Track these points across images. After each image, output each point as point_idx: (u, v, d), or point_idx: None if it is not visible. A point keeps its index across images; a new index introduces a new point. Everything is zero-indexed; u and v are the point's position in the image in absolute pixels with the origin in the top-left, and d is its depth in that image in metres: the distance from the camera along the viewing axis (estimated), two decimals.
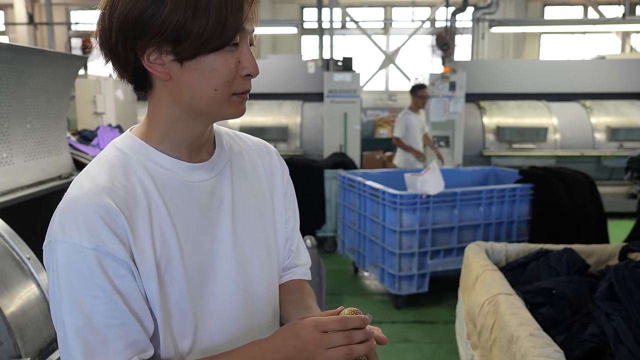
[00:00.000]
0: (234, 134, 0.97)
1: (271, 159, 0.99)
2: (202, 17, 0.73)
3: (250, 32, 0.79)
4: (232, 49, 0.77)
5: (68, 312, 0.73)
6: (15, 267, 1.57)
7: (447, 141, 6.24)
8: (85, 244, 0.72)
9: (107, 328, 0.73)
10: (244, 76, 0.79)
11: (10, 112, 2.05)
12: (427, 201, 3.69)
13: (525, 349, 1.60)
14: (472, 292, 2.30)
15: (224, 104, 0.80)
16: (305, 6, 11.78)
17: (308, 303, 0.95)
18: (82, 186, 0.77)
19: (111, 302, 0.73)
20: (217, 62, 0.77)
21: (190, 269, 0.81)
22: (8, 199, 1.97)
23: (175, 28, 0.73)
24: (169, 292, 0.79)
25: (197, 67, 0.76)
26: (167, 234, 0.79)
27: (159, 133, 0.83)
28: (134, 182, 0.79)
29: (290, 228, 1.00)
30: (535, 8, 11.83)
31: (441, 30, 6.73)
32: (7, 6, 11.68)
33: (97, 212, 0.73)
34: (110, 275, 0.73)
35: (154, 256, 0.77)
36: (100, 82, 4.93)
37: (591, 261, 2.57)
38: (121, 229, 0.74)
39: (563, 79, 7.02)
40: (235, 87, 0.79)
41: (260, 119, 6.61)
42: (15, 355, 1.43)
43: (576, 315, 2.04)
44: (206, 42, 0.74)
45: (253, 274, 0.89)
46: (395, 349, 3.30)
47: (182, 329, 0.81)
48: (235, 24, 0.75)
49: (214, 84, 0.78)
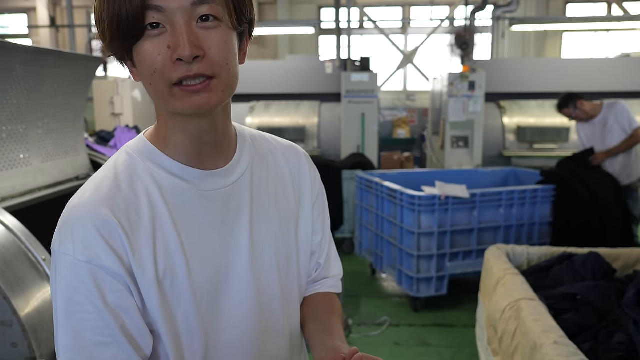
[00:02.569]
0: (259, 135, 0.91)
1: (300, 165, 0.92)
2: (110, 5, 0.67)
3: (174, 9, 0.67)
4: (154, 33, 0.68)
5: (61, 325, 0.70)
6: (31, 269, 1.57)
7: (466, 141, 6.15)
8: (79, 256, 0.69)
9: (96, 346, 0.69)
10: (175, 61, 0.68)
11: (28, 113, 2.06)
12: (445, 202, 3.63)
13: (550, 357, 1.54)
14: (493, 296, 2.24)
15: (169, 98, 0.71)
16: (322, 6, 11.76)
17: (332, 325, 0.86)
18: (83, 194, 0.74)
19: (102, 319, 0.69)
20: (144, 51, 0.69)
21: (198, 284, 0.76)
22: (26, 199, 1.99)
23: (99, 21, 0.69)
24: (176, 308, 0.74)
25: (137, 61, 0.71)
26: (171, 247, 0.74)
27: (162, 135, 0.79)
28: (138, 191, 0.75)
29: (318, 241, 0.92)
30: (557, 5, 11.62)
31: (460, 29, 6.63)
32: (30, 9, 11.90)
33: (93, 223, 0.70)
34: (104, 290, 0.69)
35: (155, 270, 0.72)
36: (117, 83, 4.97)
37: (617, 265, 2.48)
38: (118, 243, 0.70)
39: (586, 77, 6.87)
40: (170, 76, 0.69)
41: (277, 119, 6.61)
42: (30, 356, 1.43)
43: (602, 322, 1.97)
44: (117, 31, 0.68)
45: (270, 289, 0.83)
46: (414, 353, 3.25)
47: (191, 346, 0.77)
48: (133, 5, 0.66)
49: (147, 77, 0.71)
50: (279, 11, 11.22)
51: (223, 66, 0.71)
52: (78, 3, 10.85)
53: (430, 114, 7.07)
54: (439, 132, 6.32)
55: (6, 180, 1.94)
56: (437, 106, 6.60)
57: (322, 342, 0.81)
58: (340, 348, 0.77)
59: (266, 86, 6.54)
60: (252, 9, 0.76)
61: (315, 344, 0.83)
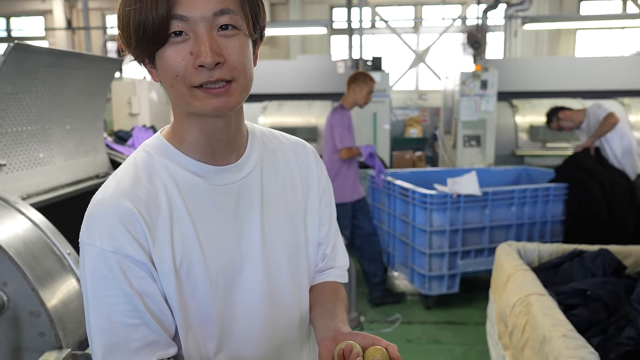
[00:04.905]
0: (269, 133, 0.96)
1: (308, 160, 0.96)
2: (137, 13, 0.72)
3: (198, 18, 0.72)
4: (177, 40, 0.73)
5: (92, 311, 0.76)
6: (57, 263, 1.64)
7: (478, 140, 6.14)
8: (106, 247, 0.74)
9: (127, 328, 0.74)
10: (197, 67, 0.73)
11: (51, 113, 2.13)
12: (457, 201, 3.65)
13: (559, 350, 1.57)
14: (504, 292, 2.27)
15: (190, 99, 0.76)
16: (334, 6, 11.78)
17: (335, 309, 0.91)
18: (107, 190, 0.79)
19: (131, 303, 0.75)
20: (167, 57, 0.74)
21: (214, 273, 0.81)
22: (49, 197, 2.06)
23: (125, 27, 0.74)
24: (192, 296, 0.80)
25: (160, 64, 0.76)
26: (188, 239, 0.79)
27: (179, 133, 0.83)
28: (157, 185, 0.80)
29: (325, 233, 0.97)
30: (571, 3, 11.52)
31: (472, 28, 6.63)
32: (47, 12, 12.09)
33: (118, 216, 0.75)
34: (130, 277, 0.75)
35: (173, 260, 0.78)
36: (135, 84, 5.07)
37: (628, 262, 2.49)
38: (140, 233, 0.76)
39: (600, 76, 6.82)
40: (191, 80, 0.74)
41: (290, 119, 6.66)
42: (57, 345, 1.49)
43: (612, 318, 1.99)
44: (143, 38, 0.73)
45: (281, 278, 0.88)
46: (426, 350, 3.28)
47: (206, 332, 0.82)
48: (158, 14, 0.71)
49: (169, 80, 0.76)
50: (291, 11, 11.27)
51: (241, 71, 0.76)
52: (93, 5, 11.01)
53: (442, 113, 7.07)
54: (451, 131, 6.32)
55: (31, 178, 2.01)
56: (449, 105, 6.60)
57: (325, 324, 0.86)
58: (341, 329, 0.82)
59: (278, 86, 6.58)
60: (265, 16, 0.82)
61: (318, 326, 0.88)
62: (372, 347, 0.76)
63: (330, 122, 3.73)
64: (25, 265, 1.51)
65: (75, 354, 1.46)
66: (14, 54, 1.78)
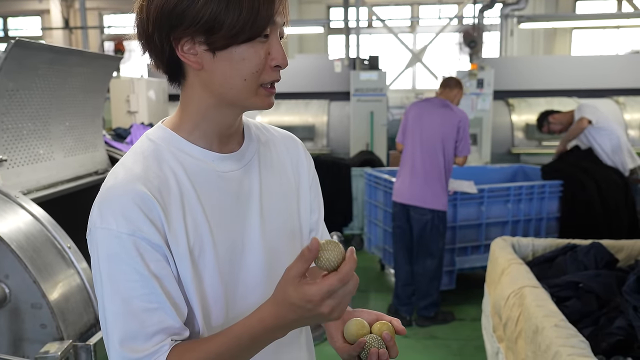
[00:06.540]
0: (261, 126, 1.00)
1: (297, 151, 1.01)
2: (235, 9, 0.75)
3: (280, 24, 0.82)
4: (262, 40, 0.80)
5: (108, 295, 0.77)
6: (58, 256, 1.66)
7: (474, 139, 6.18)
8: (122, 229, 0.76)
9: (144, 312, 0.76)
10: (273, 67, 0.82)
11: (51, 110, 2.16)
12: (454, 198, 3.69)
13: (550, 339, 1.60)
14: (498, 285, 2.31)
15: (253, 95, 0.82)
16: (331, 6, 11.82)
17: None
18: (117, 176, 0.81)
19: (148, 286, 0.76)
20: (248, 52, 0.79)
21: (222, 256, 0.84)
22: (50, 192, 2.08)
23: (209, 19, 0.76)
24: (204, 277, 0.82)
25: (229, 57, 0.79)
26: (199, 222, 0.82)
27: (191, 123, 0.86)
28: (166, 171, 0.82)
29: (315, 219, 1.02)
30: (566, 3, 11.58)
31: (469, 28, 6.67)
32: (44, 12, 12.09)
33: (133, 199, 0.77)
34: (147, 259, 0.76)
35: (187, 242, 0.80)
36: (133, 82, 5.08)
37: (621, 256, 2.53)
38: (156, 215, 0.78)
39: (595, 75, 6.86)
40: (264, 77, 0.82)
41: (287, 118, 6.68)
42: (58, 337, 1.52)
43: (603, 309, 2.02)
44: (238, 33, 0.77)
45: (279, 262, 0.91)
46: (422, 346, 3.31)
47: (216, 312, 0.84)
48: (267, 16, 0.78)
49: (244, 74, 0.80)
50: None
51: None
52: (91, 5, 11.02)
53: None
54: None
55: (31, 174, 2.03)
56: None
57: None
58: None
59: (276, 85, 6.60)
60: None
61: None
62: (379, 322, 0.82)
63: (457, 126, 3.42)
64: (27, 258, 1.53)
65: (76, 345, 1.48)
66: (15, 50, 1.80)
